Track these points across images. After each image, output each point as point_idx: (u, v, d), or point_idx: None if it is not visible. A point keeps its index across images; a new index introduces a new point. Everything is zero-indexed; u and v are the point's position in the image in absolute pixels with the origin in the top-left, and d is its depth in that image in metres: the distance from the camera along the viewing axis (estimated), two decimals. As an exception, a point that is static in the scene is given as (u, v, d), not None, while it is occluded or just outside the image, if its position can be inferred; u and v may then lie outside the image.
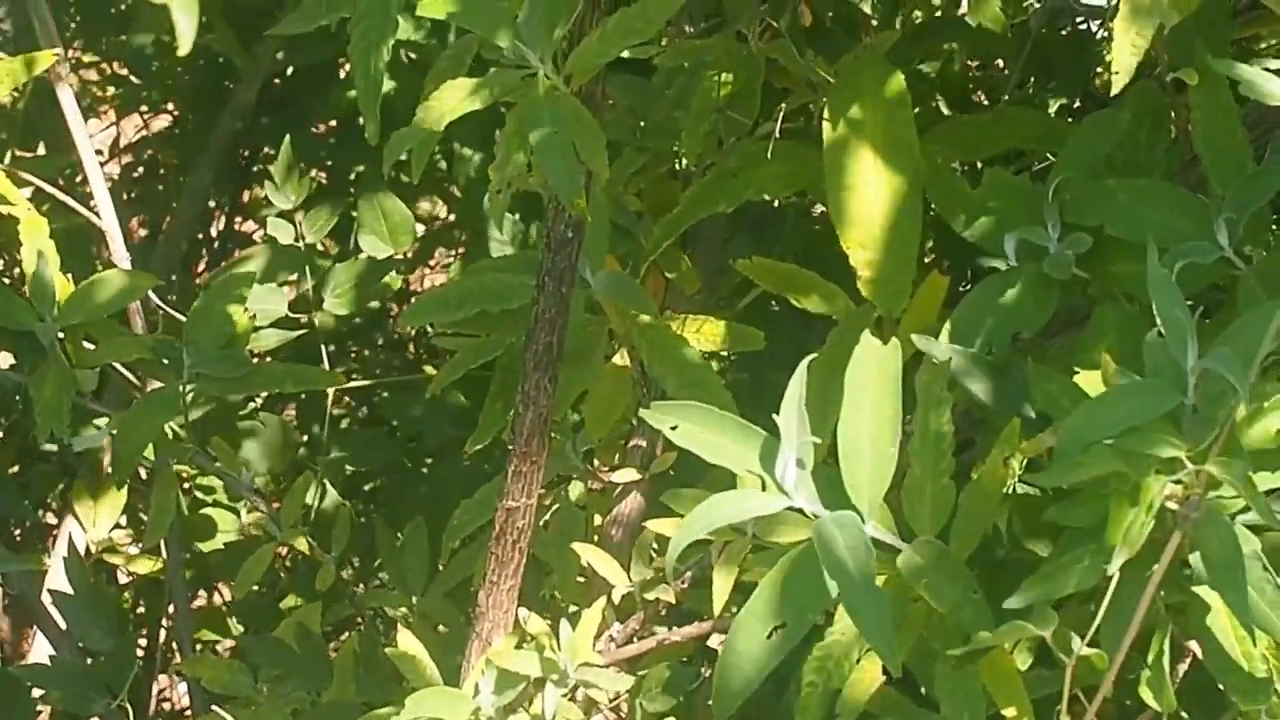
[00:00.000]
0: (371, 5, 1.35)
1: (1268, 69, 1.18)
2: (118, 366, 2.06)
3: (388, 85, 1.39)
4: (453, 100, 1.31)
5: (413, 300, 2.93)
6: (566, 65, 1.31)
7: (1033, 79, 2.07)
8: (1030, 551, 1.33)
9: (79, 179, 2.23)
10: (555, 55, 1.31)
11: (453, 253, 3.18)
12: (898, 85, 1.55)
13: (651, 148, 1.73)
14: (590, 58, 1.31)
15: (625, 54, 1.35)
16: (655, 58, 1.65)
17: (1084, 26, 2.03)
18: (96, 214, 2.18)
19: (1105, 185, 1.37)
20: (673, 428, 1.31)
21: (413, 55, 2.37)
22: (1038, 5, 1.98)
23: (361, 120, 1.37)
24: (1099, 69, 2.04)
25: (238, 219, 3.28)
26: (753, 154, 1.62)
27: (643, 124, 1.75)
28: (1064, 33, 2.03)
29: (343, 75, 2.86)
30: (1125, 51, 1.17)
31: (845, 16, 1.76)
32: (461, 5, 1.30)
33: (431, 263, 3.30)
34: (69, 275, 1.94)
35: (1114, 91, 1.18)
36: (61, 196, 2.18)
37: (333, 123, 2.99)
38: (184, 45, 1.09)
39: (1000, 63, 2.13)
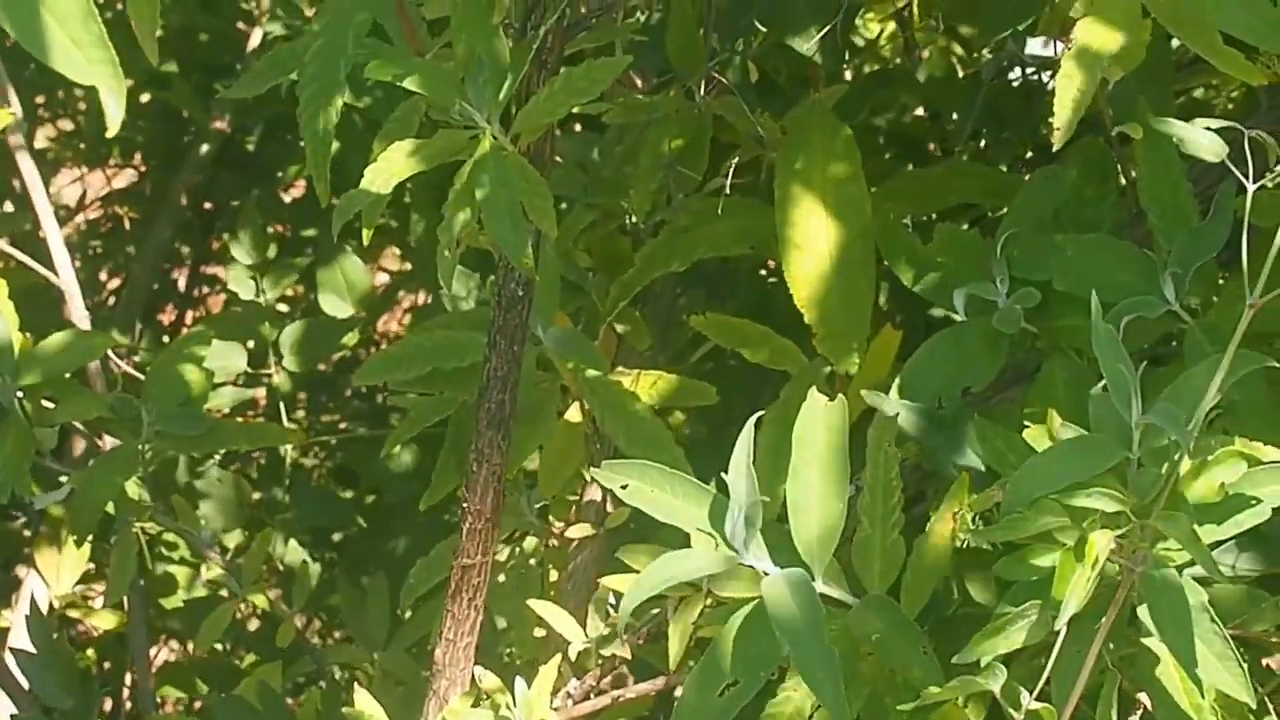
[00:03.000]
0: (319, 68, 1.35)
1: (1209, 126, 1.18)
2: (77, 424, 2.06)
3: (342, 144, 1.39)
4: (401, 161, 1.31)
5: (374, 350, 2.98)
6: (514, 124, 1.31)
7: (985, 130, 2.07)
8: (980, 606, 1.33)
9: (41, 233, 2.24)
10: (502, 115, 1.31)
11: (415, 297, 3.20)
12: (846, 140, 1.57)
13: (601, 203, 1.73)
14: (537, 117, 1.32)
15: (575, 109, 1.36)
16: (604, 114, 1.66)
17: (1035, 77, 2.05)
18: (55, 272, 2.18)
19: (1052, 240, 1.38)
20: (623, 486, 1.31)
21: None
22: (989, 57, 1.99)
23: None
24: (1049, 120, 2.05)
25: (204, 266, 3.29)
26: (704, 211, 1.63)
27: (592, 179, 1.75)
28: (1015, 84, 2.04)
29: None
30: (1065, 109, 1.18)
31: (793, 71, 1.77)
32: (407, 69, 1.31)
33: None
34: (28, 335, 1.94)
35: (1055, 148, 1.19)
36: (19, 256, 2.19)
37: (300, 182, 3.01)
38: (112, 127, 1.09)
39: (954, 114, 2.14)
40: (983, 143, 2.10)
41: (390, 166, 1.31)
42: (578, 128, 2.20)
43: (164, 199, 2.88)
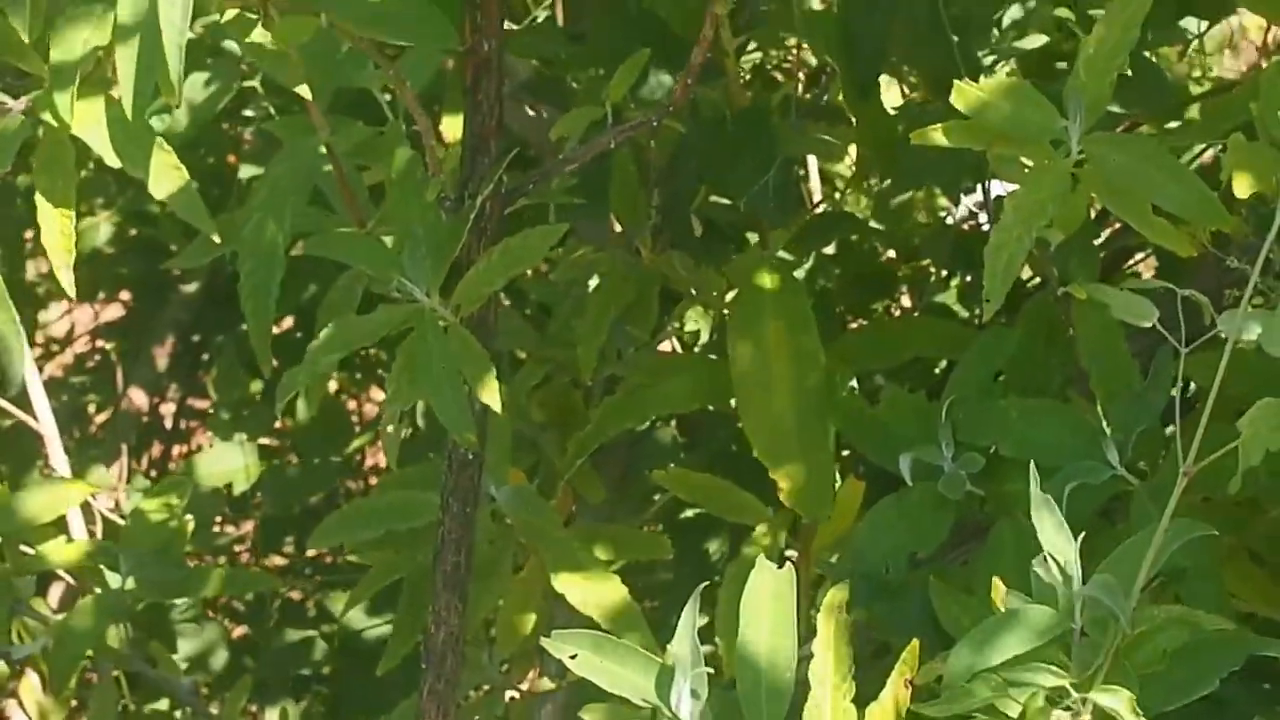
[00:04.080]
0: (257, 243, 1.36)
1: (1142, 289, 1.18)
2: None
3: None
4: (343, 337, 1.31)
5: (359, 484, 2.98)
6: (454, 296, 1.32)
7: (956, 272, 2.08)
8: (932, 776, 1.32)
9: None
10: (443, 284, 1.32)
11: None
12: (796, 291, 1.57)
13: (551, 359, 1.73)
14: (476, 288, 1.32)
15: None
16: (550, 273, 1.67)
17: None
18: (34, 417, 2.19)
19: (998, 406, 1.38)
20: (572, 656, 1.30)
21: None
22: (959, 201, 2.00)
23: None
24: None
25: (191, 399, 3.30)
26: (659, 368, 1.63)
27: (542, 333, 1.76)
28: (985, 228, 2.04)
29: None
30: (995, 280, 1.18)
31: (738, 220, 1.78)
32: (345, 245, 1.32)
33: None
34: (5, 483, 1.95)
35: (984, 319, 1.19)
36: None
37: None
38: (69, 290, 1.13)
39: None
40: (954, 286, 2.11)
41: (334, 342, 1.31)
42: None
43: (151, 333, 2.89)
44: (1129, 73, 1.23)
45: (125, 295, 3.22)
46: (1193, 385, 1.40)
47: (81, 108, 1.08)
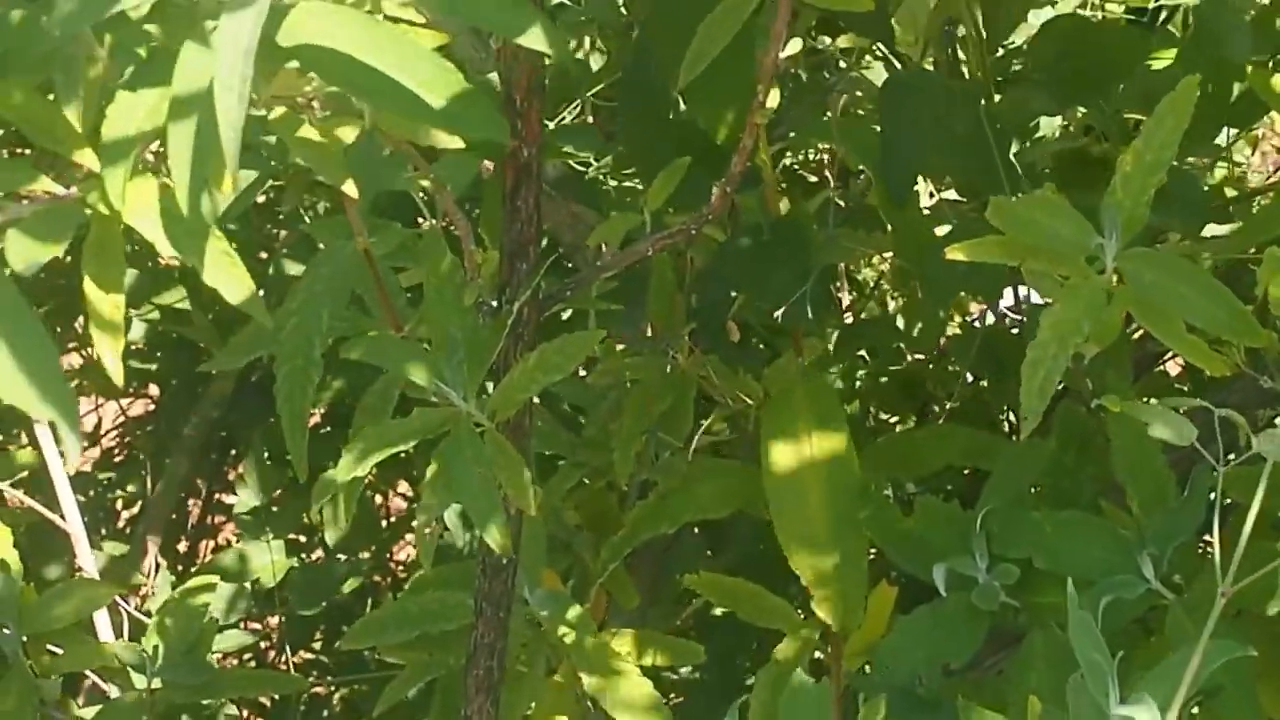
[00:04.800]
0: (295, 347, 1.37)
1: (1178, 406, 1.18)
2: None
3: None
4: (380, 441, 1.32)
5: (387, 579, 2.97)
6: (490, 401, 1.32)
7: (984, 379, 2.08)
8: None
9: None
10: (479, 392, 1.32)
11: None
12: (831, 399, 1.58)
13: (587, 462, 1.74)
14: (513, 394, 1.33)
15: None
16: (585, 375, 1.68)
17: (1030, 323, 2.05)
18: (62, 516, 2.19)
19: (1032, 518, 1.38)
20: (605, 762, 1.31)
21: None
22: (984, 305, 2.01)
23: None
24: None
25: (219, 494, 3.30)
26: (691, 473, 1.64)
27: (578, 437, 1.76)
28: (1014, 330, 2.04)
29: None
30: (1031, 397, 1.18)
31: (775, 327, 1.78)
32: (384, 350, 1.32)
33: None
34: (31, 584, 1.95)
35: (1021, 436, 1.19)
36: (28, 501, 2.20)
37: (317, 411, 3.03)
38: (117, 379, 1.13)
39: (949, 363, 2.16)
40: (983, 388, 2.11)
41: (369, 446, 1.32)
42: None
43: (179, 430, 2.90)
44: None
45: (152, 390, 3.24)
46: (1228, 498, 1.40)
47: (133, 195, 1.08)
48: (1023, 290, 1.96)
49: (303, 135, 1.13)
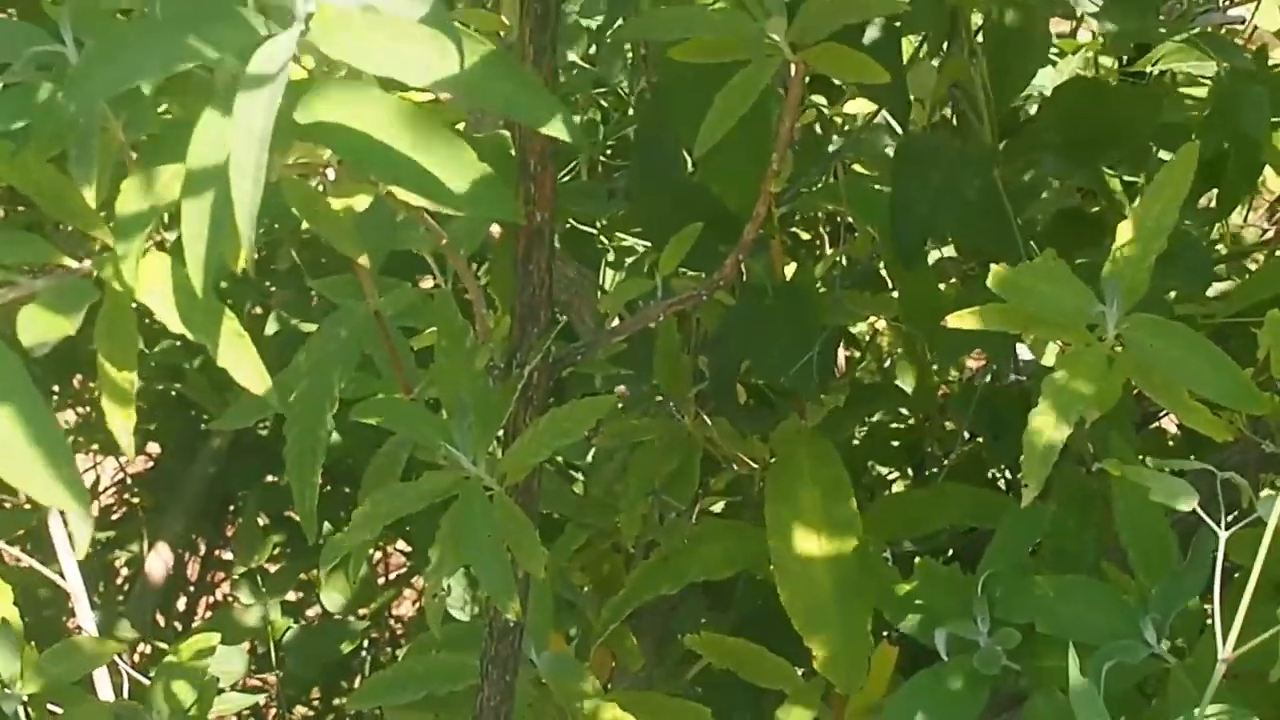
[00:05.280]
0: (305, 409, 1.38)
1: (1181, 469, 1.20)
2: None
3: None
4: (389, 505, 1.33)
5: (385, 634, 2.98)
6: (500, 465, 1.33)
7: (982, 436, 2.09)
8: None
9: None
10: (489, 456, 1.33)
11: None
12: (834, 462, 1.59)
13: (593, 524, 1.75)
14: (522, 458, 1.34)
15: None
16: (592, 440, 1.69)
17: (1029, 382, 2.06)
18: (61, 574, 2.19)
19: (1033, 581, 1.39)
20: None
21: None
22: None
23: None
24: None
25: (218, 550, 3.31)
26: (695, 534, 1.65)
27: (584, 498, 1.77)
28: (1011, 388, 2.06)
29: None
30: (1034, 464, 1.19)
31: (780, 389, 1.80)
32: (393, 413, 1.34)
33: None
34: (32, 643, 1.95)
35: (1025, 502, 1.20)
36: (26, 560, 2.21)
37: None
38: (129, 452, 1.14)
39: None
40: (980, 446, 2.12)
41: (379, 511, 1.33)
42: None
43: (178, 487, 2.90)
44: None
45: (151, 447, 3.25)
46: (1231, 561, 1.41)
47: (146, 272, 1.08)
48: (1023, 353, 1.97)
49: (317, 205, 1.15)
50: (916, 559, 1.46)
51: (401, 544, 3.30)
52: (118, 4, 1.09)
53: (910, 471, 2.24)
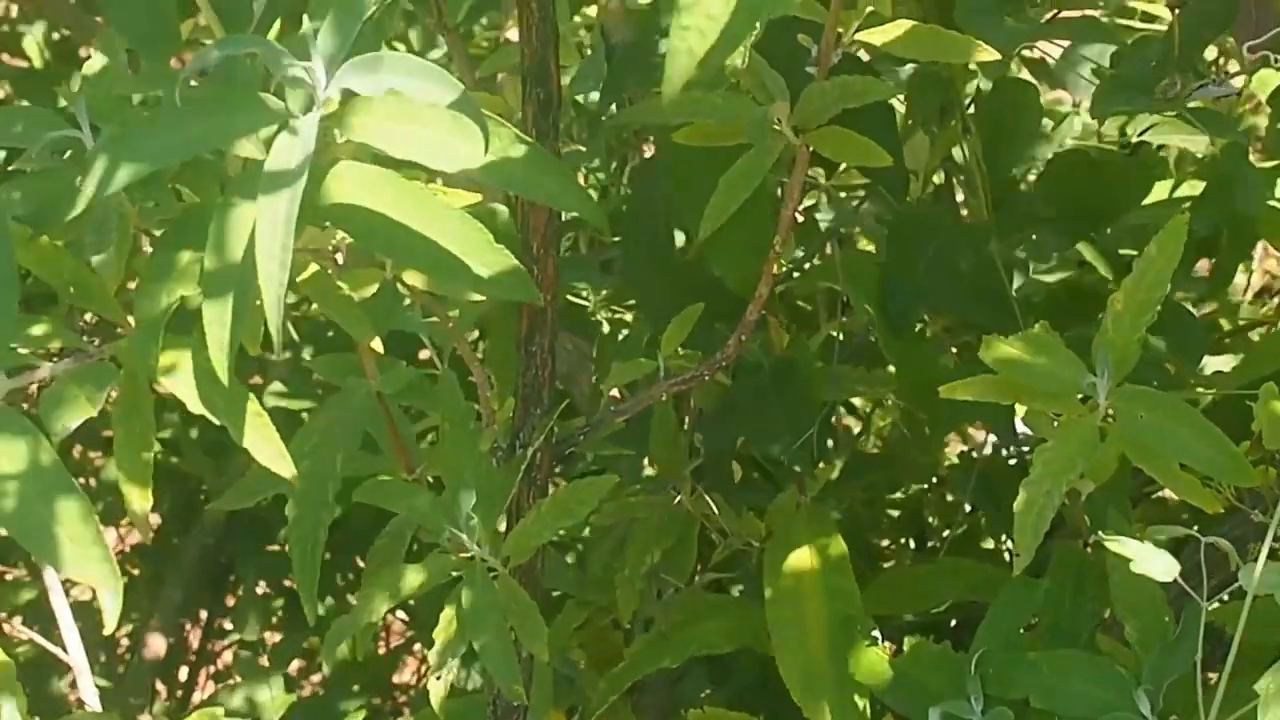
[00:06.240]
0: (308, 492, 1.39)
1: (1163, 537, 1.22)
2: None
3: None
4: (393, 586, 1.34)
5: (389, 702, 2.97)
6: (504, 547, 1.35)
7: (982, 508, 2.10)
8: None
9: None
10: (493, 537, 1.35)
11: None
12: (833, 537, 1.60)
13: (592, 601, 1.76)
14: (526, 540, 1.35)
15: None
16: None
17: (1028, 456, 2.07)
18: (63, 647, 2.20)
19: (1027, 659, 1.39)
20: None
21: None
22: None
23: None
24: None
25: (218, 620, 3.31)
26: (694, 610, 1.66)
27: (583, 575, 1.78)
28: (1011, 462, 2.07)
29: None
30: (1024, 535, 1.21)
31: (776, 463, 1.81)
32: (397, 495, 1.35)
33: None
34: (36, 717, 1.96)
35: (1015, 573, 1.22)
36: (28, 633, 2.21)
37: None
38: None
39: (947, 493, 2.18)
40: (981, 520, 2.13)
41: (383, 593, 1.34)
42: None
43: (177, 558, 2.91)
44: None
45: (151, 518, 3.26)
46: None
47: (166, 357, 1.10)
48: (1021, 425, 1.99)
49: (330, 291, 1.16)
50: (906, 637, 1.47)
51: (401, 612, 3.31)
52: (131, 91, 1.11)
53: (910, 542, 2.25)
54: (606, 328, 2.10)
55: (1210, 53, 1.76)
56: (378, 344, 1.30)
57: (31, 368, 1.13)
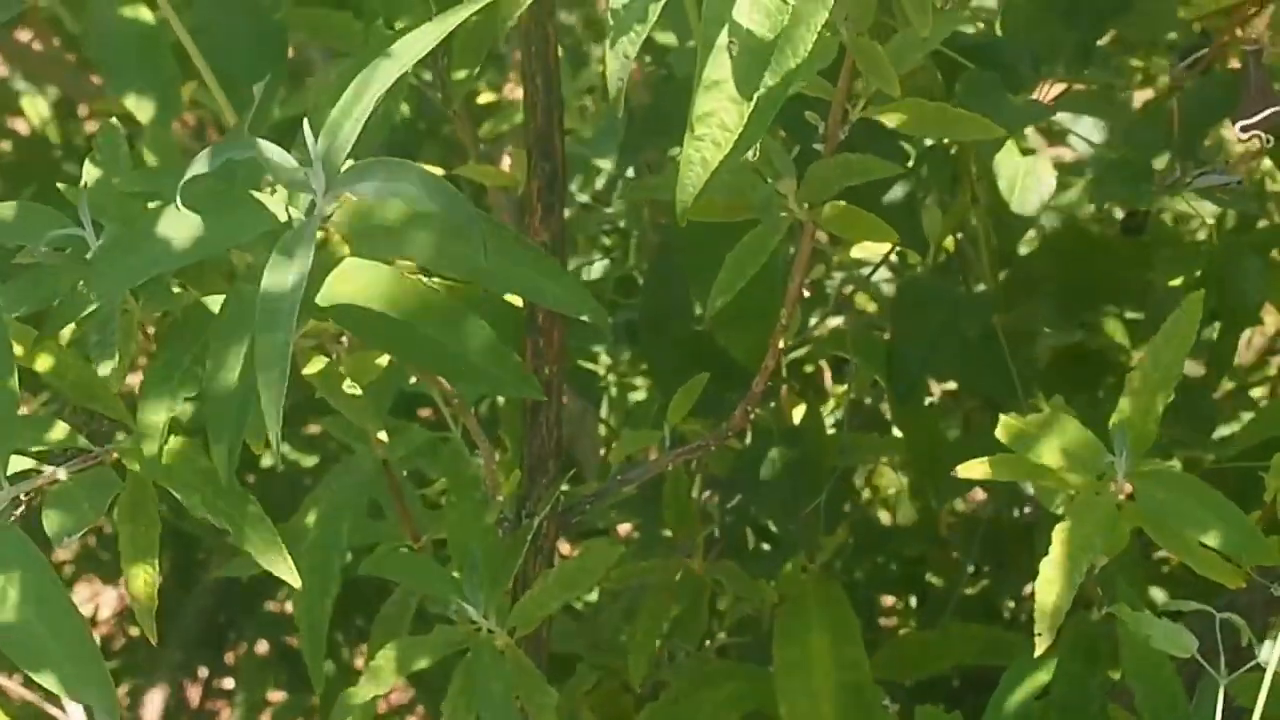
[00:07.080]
0: (314, 562, 1.39)
1: (1181, 610, 1.20)
2: None
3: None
4: (400, 658, 1.33)
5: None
6: (511, 618, 1.34)
7: (986, 568, 2.10)
8: None
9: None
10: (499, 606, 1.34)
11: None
12: (842, 605, 1.60)
13: (603, 664, 1.75)
14: (533, 611, 1.34)
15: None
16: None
17: (1032, 515, 2.07)
18: (62, 706, 2.19)
19: (1039, 731, 1.39)
20: None
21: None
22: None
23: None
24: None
25: (217, 679, 3.29)
26: (705, 675, 1.65)
27: (593, 638, 1.77)
28: (1015, 518, 2.07)
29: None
30: (1045, 616, 1.19)
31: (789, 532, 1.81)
32: (404, 566, 1.34)
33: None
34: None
35: (1037, 654, 1.20)
36: (29, 696, 2.20)
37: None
38: (151, 636, 1.15)
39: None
40: (986, 580, 2.13)
41: (390, 665, 1.33)
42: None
43: (176, 617, 2.90)
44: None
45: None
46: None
47: (169, 458, 1.10)
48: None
49: (335, 383, 1.16)
50: (916, 708, 1.46)
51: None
52: (133, 188, 1.10)
53: (914, 601, 2.24)
54: (615, 391, 2.10)
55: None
56: (383, 434, 1.29)
57: (34, 473, 1.11)
